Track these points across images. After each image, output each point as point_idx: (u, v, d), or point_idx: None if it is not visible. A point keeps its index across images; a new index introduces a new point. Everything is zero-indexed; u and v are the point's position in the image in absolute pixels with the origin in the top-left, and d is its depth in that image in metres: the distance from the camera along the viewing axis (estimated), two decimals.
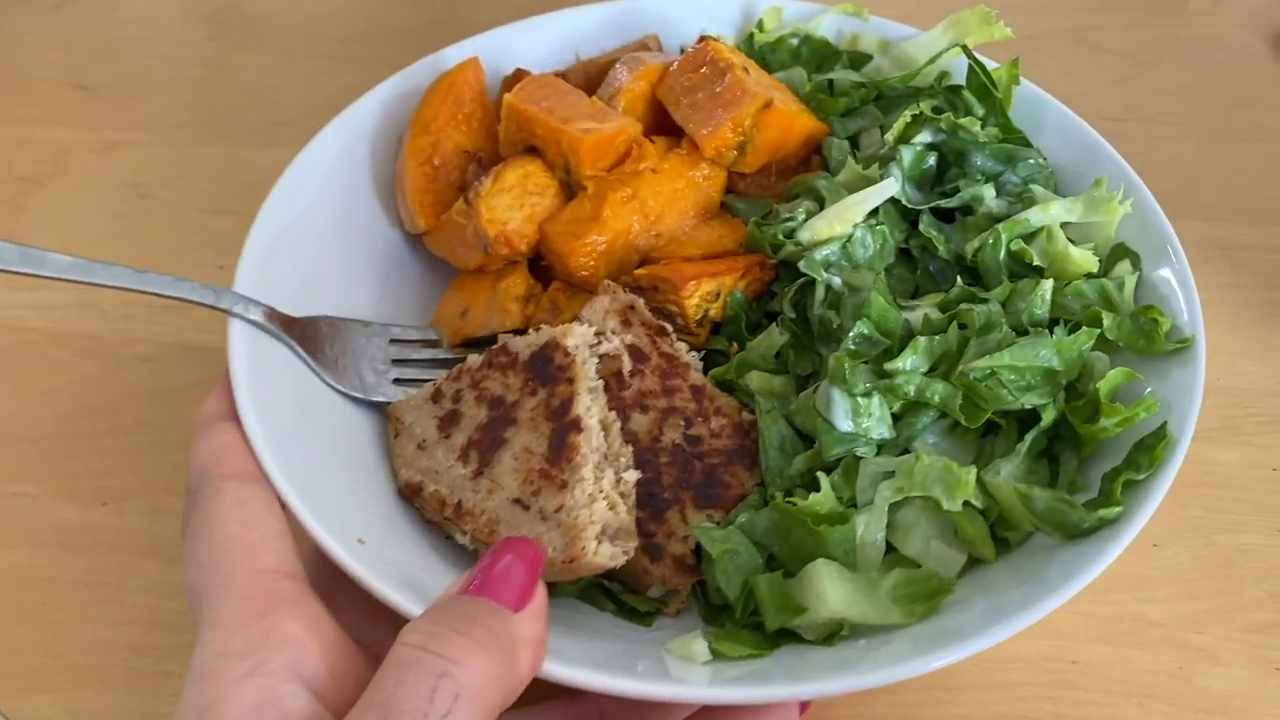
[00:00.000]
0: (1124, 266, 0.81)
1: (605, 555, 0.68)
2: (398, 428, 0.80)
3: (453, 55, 0.95)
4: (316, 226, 0.87)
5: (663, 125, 0.92)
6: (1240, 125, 1.18)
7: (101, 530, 0.87)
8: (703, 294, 0.82)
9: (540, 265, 0.90)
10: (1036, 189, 0.85)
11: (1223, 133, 1.17)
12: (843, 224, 0.83)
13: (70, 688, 0.79)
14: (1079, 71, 1.24)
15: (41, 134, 1.15)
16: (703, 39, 0.91)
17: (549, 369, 0.75)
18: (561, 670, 0.60)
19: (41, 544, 0.85)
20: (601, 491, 0.69)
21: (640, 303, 0.83)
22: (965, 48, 0.91)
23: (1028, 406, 0.72)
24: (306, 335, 0.81)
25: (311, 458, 0.73)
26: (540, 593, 0.58)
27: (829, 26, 1.00)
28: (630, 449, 0.74)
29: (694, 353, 0.83)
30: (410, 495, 0.76)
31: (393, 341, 0.86)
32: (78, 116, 1.18)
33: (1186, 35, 1.28)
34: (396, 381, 0.84)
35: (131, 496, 0.89)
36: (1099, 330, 0.75)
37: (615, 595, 0.74)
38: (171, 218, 1.07)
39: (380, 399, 0.82)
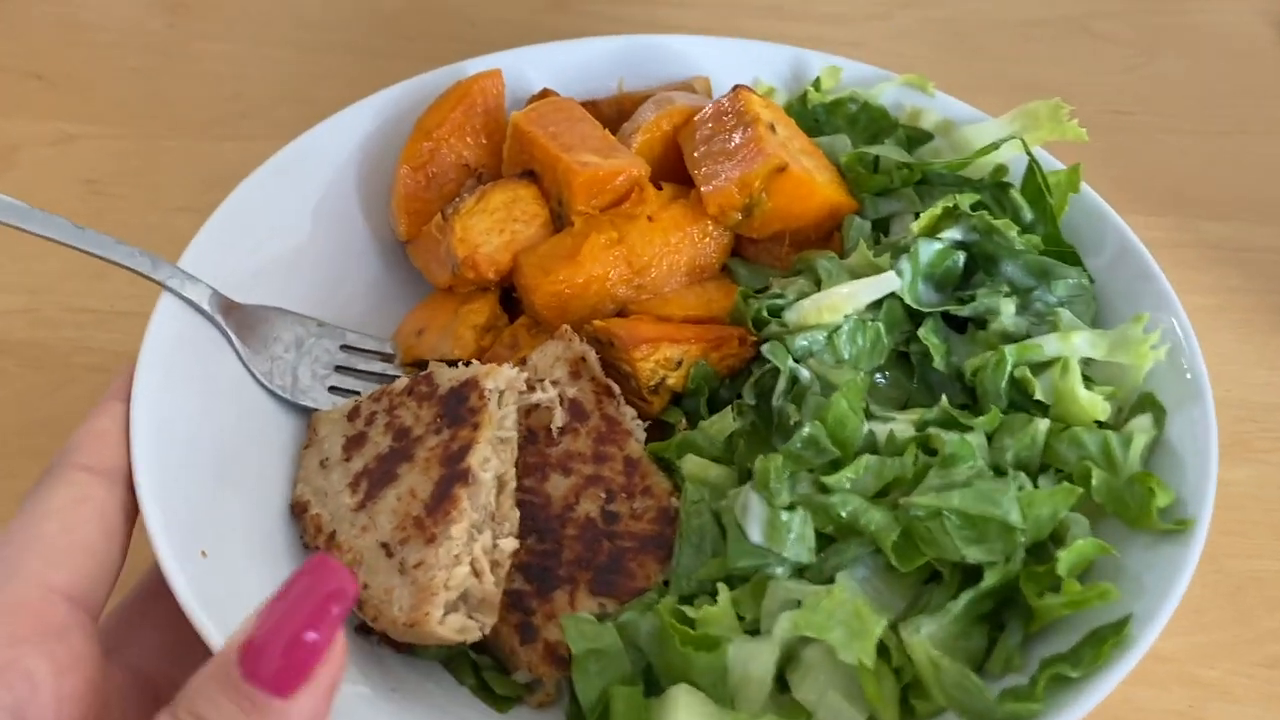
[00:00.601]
0: (1143, 421, 0.69)
1: (453, 627, 0.61)
2: (311, 438, 0.75)
3: (476, 67, 0.90)
4: (295, 216, 0.84)
5: (679, 173, 0.85)
6: (1248, 118, 1.09)
7: None
8: (659, 359, 0.75)
9: (513, 297, 0.84)
10: (1064, 314, 0.74)
11: (1230, 125, 1.08)
12: (831, 313, 0.74)
13: None
14: (1080, 60, 1.14)
15: None
16: (737, 88, 0.84)
17: (460, 409, 0.69)
18: None
19: None
20: (470, 554, 0.63)
21: (592, 356, 0.76)
22: (1023, 142, 0.81)
23: (970, 561, 0.61)
24: (245, 323, 0.77)
25: (198, 455, 0.69)
26: (334, 656, 0.51)
27: (890, 96, 0.91)
28: (518, 514, 0.67)
29: (640, 421, 0.75)
30: (297, 514, 0.71)
31: (344, 348, 0.82)
32: (31, 107, 1.13)
33: (1191, 22, 1.18)
34: (333, 389, 0.80)
35: None
36: (1083, 491, 0.64)
37: (479, 671, 0.67)
38: (127, 216, 1.02)
39: (308, 403, 0.78)
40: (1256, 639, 0.77)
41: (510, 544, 0.65)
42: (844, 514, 0.64)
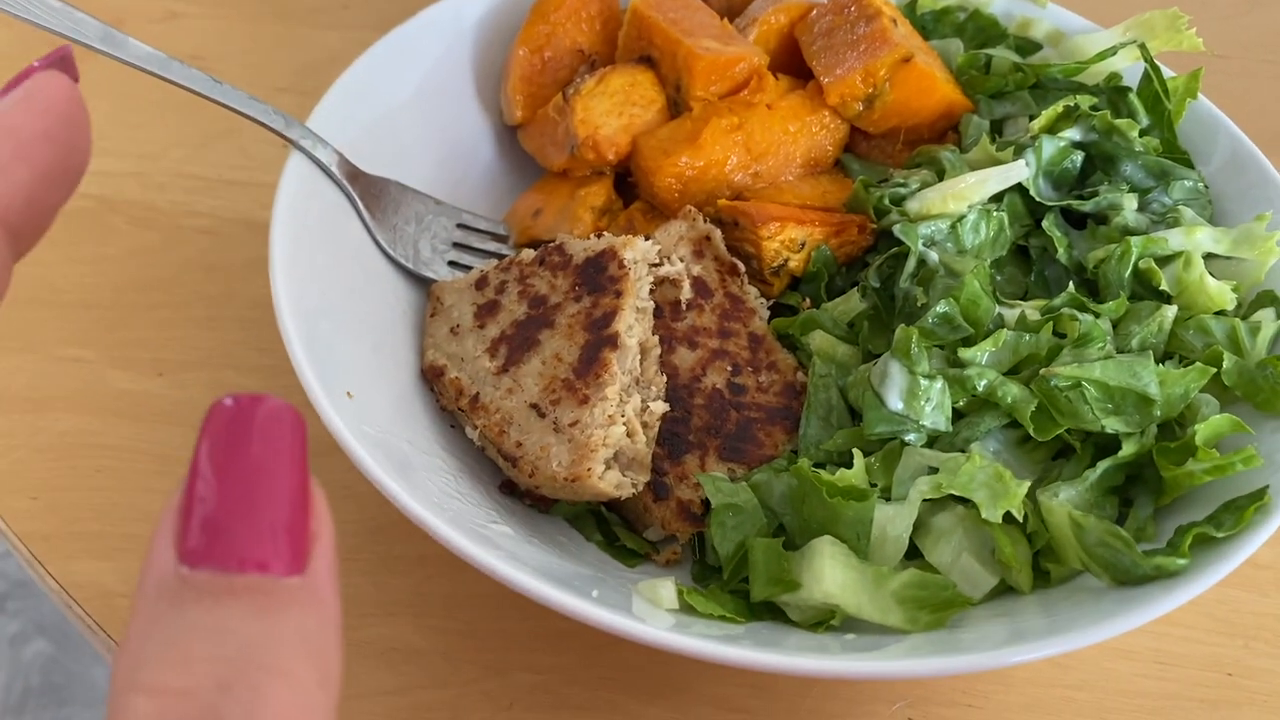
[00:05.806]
0: (1266, 314, 0.70)
1: (611, 482, 0.62)
2: (436, 307, 0.76)
3: None
4: (408, 94, 0.84)
5: (794, 67, 0.86)
6: None
7: (158, 400, 0.81)
8: (784, 239, 0.76)
9: (627, 182, 0.84)
10: (1186, 211, 0.75)
11: None
12: (957, 201, 0.75)
13: (124, 556, 0.73)
14: (1180, 3, 1.13)
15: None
16: None
17: (600, 278, 0.69)
18: (513, 574, 0.55)
19: (96, 410, 0.80)
20: (623, 416, 0.64)
21: (717, 235, 0.77)
22: (1143, 48, 0.81)
23: (1109, 431, 0.63)
24: (370, 191, 0.77)
25: (332, 309, 0.69)
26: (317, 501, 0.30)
27: (1000, 6, 0.91)
28: (664, 379, 0.68)
29: (763, 300, 0.76)
30: (431, 378, 0.72)
31: (460, 226, 0.83)
32: None
33: None
34: (451, 264, 0.80)
35: (188, 369, 0.83)
36: (1215, 371, 0.65)
37: (607, 527, 0.69)
38: None
39: (429, 275, 0.78)
40: None
41: (661, 406, 0.66)
42: (980, 386, 0.65)
